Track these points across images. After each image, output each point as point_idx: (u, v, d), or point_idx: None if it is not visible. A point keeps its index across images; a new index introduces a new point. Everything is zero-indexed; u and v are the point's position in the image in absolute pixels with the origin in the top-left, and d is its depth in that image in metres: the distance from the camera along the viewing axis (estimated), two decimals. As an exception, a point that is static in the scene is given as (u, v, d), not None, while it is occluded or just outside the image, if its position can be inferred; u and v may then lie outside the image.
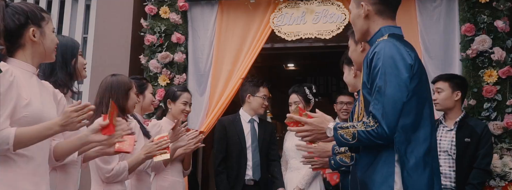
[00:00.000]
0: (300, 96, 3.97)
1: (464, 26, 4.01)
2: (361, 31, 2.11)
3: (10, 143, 1.79)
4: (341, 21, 4.36)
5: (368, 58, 1.95)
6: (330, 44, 4.74)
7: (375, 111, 1.84)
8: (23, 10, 2.00)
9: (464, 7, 4.06)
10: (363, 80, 1.99)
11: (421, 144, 1.89)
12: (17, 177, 1.84)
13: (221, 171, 3.92)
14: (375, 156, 1.91)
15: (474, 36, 3.98)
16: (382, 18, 2.06)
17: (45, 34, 2.01)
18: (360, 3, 2.07)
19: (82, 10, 4.94)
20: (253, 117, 4.06)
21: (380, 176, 1.88)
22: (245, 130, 3.98)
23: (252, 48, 4.44)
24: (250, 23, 4.50)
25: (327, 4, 4.40)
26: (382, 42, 1.95)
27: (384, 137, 1.82)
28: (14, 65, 1.94)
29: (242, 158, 3.90)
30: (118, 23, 4.63)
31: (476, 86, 3.94)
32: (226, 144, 3.97)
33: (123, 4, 4.67)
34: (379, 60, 1.88)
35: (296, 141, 3.29)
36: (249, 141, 3.95)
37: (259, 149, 3.94)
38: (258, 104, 4.02)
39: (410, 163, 1.86)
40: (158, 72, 4.45)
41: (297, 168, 3.88)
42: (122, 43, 4.58)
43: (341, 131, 1.89)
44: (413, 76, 1.89)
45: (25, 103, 1.88)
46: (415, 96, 1.89)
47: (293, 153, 3.87)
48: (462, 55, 4.03)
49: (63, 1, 5.01)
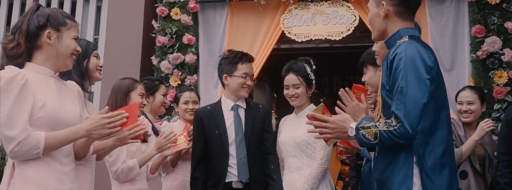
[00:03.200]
0: (300, 77, 3.06)
1: (474, 28, 4.03)
2: (379, 30, 2.12)
3: (40, 147, 1.84)
4: (351, 23, 4.39)
5: (388, 60, 1.96)
6: (336, 45, 4.76)
7: (397, 111, 1.85)
8: (46, 13, 2.04)
9: (474, 9, 4.08)
10: (382, 82, 2.01)
11: (438, 146, 1.90)
12: (41, 174, 1.88)
13: (196, 177, 3.00)
14: (393, 157, 1.93)
15: (484, 38, 4.01)
16: (401, 20, 2.07)
17: (61, 39, 2.03)
18: (380, 3, 2.07)
19: (93, 12, 4.99)
20: (237, 103, 3.09)
21: (398, 178, 1.90)
22: (227, 121, 3.06)
23: (263, 49, 4.48)
24: (260, 24, 4.53)
25: (337, 6, 4.43)
26: (403, 43, 1.96)
27: (406, 136, 1.83)
28: (29, 69, 1.98)
29: (222, 157, 2.98)
30: (129, 24, 4.67)
31: (486, 87, 3.95)
32: (204, 142, 3.05)
33: (134, 6, 4.71)
34: (401, 61, 1.89)
35: (302, 131, 2.90)
36: (232, 134, 3.02)
37: (247, 143, 2.99)
38: (237, 85, 3.04)
39: (428, 164, 1.88)
40: (170, 73, 4.49)
41: (298, 168, 3.01)
42: (133, 44, 4.62)
43: (363, 131, 1.91)
44: (432, 78, 1.90)
45: (40, 105, 1.91)
46: (433, 99, 1.90)
47: (292, 149, 3.03)
48: (472, 56, 4.05)
49: (74, 3, 5.06)
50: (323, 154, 2.94)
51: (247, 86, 3.06)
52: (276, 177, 2.96)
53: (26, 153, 1.84)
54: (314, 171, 2.92)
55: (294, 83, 3.06)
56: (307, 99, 3.12)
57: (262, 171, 3.00)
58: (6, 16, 5.24)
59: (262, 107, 3.19)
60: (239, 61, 3.08)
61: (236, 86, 3.04)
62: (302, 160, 2.99)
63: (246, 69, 3.07)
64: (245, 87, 3.05)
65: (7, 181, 1.91)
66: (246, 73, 3.06)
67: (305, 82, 3.06)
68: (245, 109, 3.10)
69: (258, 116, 3.10)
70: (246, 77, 3.06)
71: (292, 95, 3.06)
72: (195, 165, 3.01)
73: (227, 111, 3.07)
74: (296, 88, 3.05)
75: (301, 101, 3.07)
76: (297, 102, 3.07)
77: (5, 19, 5.22)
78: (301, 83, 3.05)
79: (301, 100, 3.07)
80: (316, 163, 2.93)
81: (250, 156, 2.99)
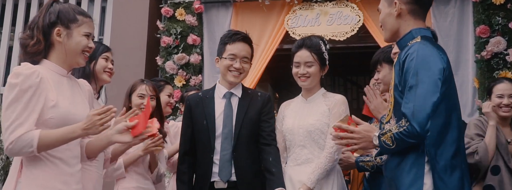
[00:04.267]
0: (315, 54, 2.66)
1: (478, 28, 4.04)
2: (392, 30, 2.10)
3: (34, 145, 1.82)
4: (355, 23, 4.40)
5: (400, 60, 1.96)
6: (339, 45, 4.76)
7: (405, 110, 1.86)
8: (57, 9, 2.02)
9: (479, 9, 4.08)
10: (395, 83, 2.00)
11: (449, 147, 1.91)
12: (47, 176, 1.88)
13: (182, 172, 2.67)
14: (404, 157, 1.93)
15: (489, 38, 4.01)
16: (413, 19, 2.06)
17: (71, 36, 2.00)
18: (393, 2, 2.06)
19: (98, 12, 5.00)
20: (231, 91, 2.69)
21: (409, 177, 1.90)
22: (217, 111, 2.67)
23: (267, 49, 4.49)
24: (264, 25, 4.55)
25: (341, 6, 4.44)
26: (415, 44, 1.96)
27: (415, 135, 1.83)
28: (44, 67, 1.97)
29: (207, 151, 2.62)
30: (134, 25, 4.68)
31: (491, 88, 3.95)
32: (191, 132, 2.69)
33: (139, 6, 4.73)
34: (412, 61, 1.89)
35: (315, 117, 2.61)
36: (220, 126, 2.63)
37: (236, 137, 2.60)
38: (223, 68, 2.66)
39: (440, 165, 1.88)
40: (174, 73, 4.50)
41: (307, 160, 2.60)
42: (138, 45, 4.63)
43: (383, 137, 1.92)
44: (444, 80, 1.90)
45: (51, 105, 1.91)
46: (444, 100, 1.90)
47: (302, 138, 2.62)
48: (476, 56, 4.05)
49: (79, 3, 5.07)
50: (334, 143, 2.36)
51: (234, 69, 2.63)
52: (276, 170, 2.54)
53: (20, 151, 1.82)
54: (323, 161, 2.51)
55: (307, 60, 2.64)
56: (318, 81, 2.71)
57: (256, 169, 2.59)
58: (12, 16, 5.26)
59: (261, 95, 2.73)
60: (228, 41, 2.67)
61: (222, 69, 2.67)
62: (312, 151, 2.60)
63: (234, 49, 2.63)
64: (232, 70, 2.63)
65: (14, 180, 1.90)
66: (233, 55, 2.62)
67: (319, 61, 2.65)
68: (239, 98, 2.68)
69: (254, 105, 2.67)
70: (234, 59, 2.63)
71: (303, 74, 2.64)
72: (181, 158, 2.70)
73: (219, 99, 2.69)
74: (308, 67, 2.64)
75: (312, 82, 2.67)
76: (307, 83, 2.65)
77: (10, 19, 5.24)
78: (315, 61, 2.64)
79: (312, 81, 2.66)
80: (326, 152, 2.54)
81: (238, 152, 2.58)
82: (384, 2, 2.13)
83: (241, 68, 2.64)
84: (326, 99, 2.67)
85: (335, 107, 2.62)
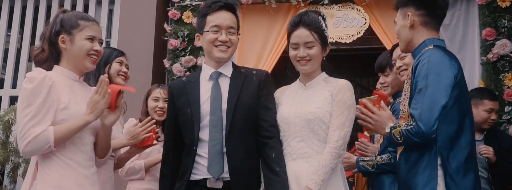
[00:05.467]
0: (315, 33, 2.28)
1: (484, 31, 4.05)
2: (406, 41, 2.19)
3: (51, 140, 1.90)
4: (361, 25, 4.42)
5: (413, 67, 2.03)
6: (343, 47, 4.78)
7: (413, 111, 1.94)
8: (61, 19, 2.10)
9: (485, 12, 4.10)
10: (411, 94, 2.08)
11: (463, 150, 1.97)
12: (62, 178, 1.93)
13: (164, 174, 2.29)
14: (417, 159, 2.00)
15: (495, 41, 4.02)
16: (426, 30, 2.14)
17: (74, 41, 2.07)
18: (406, 14, 2.16)
19: (106, 15, 5.04)
20: (218, 70, 2.27)
21: (422, 179, 1.96)
22: (203, 96, 2.22)
23: (274, 52, 4.52)
24: (271, 27, 4.57)
25: (348, 9, 4.46)
26: (427, 51, 2.03)
27: (420, 134, 1.91)
28: (56, 72, 2.04)
29: (191, 145, 2.20)
30: (141, 27, 4.72)
31: (497, 90, 3.97)
32: (175, 125, 2.28)
33: (146, 9, 4.76)
34: (424, 66, 1.96)
35: (314, 105, 2.24)
36: (206, 113, 2.19)
37: (229, 124, 2.17)
38: (206, 43, 2.26)
39: (452, 167, 1.94)
40: (182, 76, 4.53)
41: (304, 154, 2.20)
42: (145, 47, 4.66)
43: (393, 130, 2.00)
44: (455, 85, 1.96)
45: (62, 107, 1.97)
46: (456, 105, 1.97)
47: (299, 128, 2.22)
48: (482, 59, 4.07)
49: (86, 6, 5.11)
50: (339, 135, 2.15)
51: (220, 43, 2.22)
52: (280, 169, 2.12)
53: (38, 149, 1.90)
54: (327, 158, 2.11)
55: (307, 40, 2.26)
56: (319, 64, 2.36)
57: (252, 164, 2.19)
58: (8, 19, 5.30)
59: (257, 73, 2.30)
60: (208, 12, 2.27)
61: (206, 45, 2.26)
62: (310, 145, 2.20)
63: (216, 19, 2.23)
64: (218, 44, 2.22)
65: (30, 182, 1.96)
66: (216, 26, 2.22)
67: (320, 40, 2.28)
68: (230, 79, 2.25)
69: (249, 86, 2.22)
70: (218, 31, 2.22)
71: (302, 57, 2.27)
72: (164, 158, 2.31)
73: (205, 82, 2.26)
74: (308, 48, 2.27)
75: (313, 65, 2.31)
76: (308, 67, 2.29)
77: (19, 21, 5.28)
78: (316, 41, 2.27)
79: (313, 65, 2.31)
80: (330, 146, 2.14)
81: (231, 144, 2.15)
82: (399, 14, 2.22)
83: (228, 41, 2.23)
84: (328, 84, 2.30)
85: (339, 93, 2.23)
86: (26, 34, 5.18)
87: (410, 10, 2.16)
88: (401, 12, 2.22)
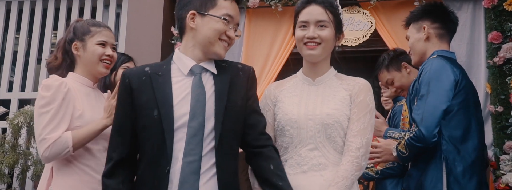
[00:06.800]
0: (330, 12, 1.89)
1: (490, 34, 4.06)
2: (420, 54, 2.25)
3: (69, 145, 1.94)
4: (368, 29, 4.43)
5: (418, 76, 2.08)
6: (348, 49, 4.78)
7: (415, 116, 1.99)
8: (74, 27, 2.15)
9: (491, 15, 4.10)
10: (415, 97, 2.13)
11: (470, 155, 2.02)
12: (77, 183, 1.97)
13: (116, 189, 1.72)
14: (424, 168, 2.04)
15: (501, 44, 4.02)
16: (439, 42, 2.21)
17: (86, 48, 2.13)
18: (421, 27, 2.22)
19: (113, 18, 5.08)
20: (201, 64, 1.81)
21: (429, 182, 2.00)
22: (177, 94, 1.73)
23: (280, 55, 4.53)
24: (277, 31, 4.59)
25: (353, 12, 4.48)
26: (430, 60, 2.09)
27: (421, 138, 1.96)
28: (71, 78, 2.09)
29: (160, 160, 1.67)
30: (148, 31, 4.75)
31: (503, 93, 3.98)
32: (131, 129, 1.74)
33: (153, 12, 4.79)
34: (426, 73, 2.02)
35: (330, 106, 1.86)
36: (181, 117, 1.69)
37: (218, 134, 1.70)
38: (211, 32, 1.78)
39: (458, 170, 1.99)
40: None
41: (318, 166, 1.81)
42: (152, 51, 4.69)
43: (399, 146, 2.03)
44: (459, 91, 2.00)
45: (78, 114, 2.01)
46: (461, 110, 2.01)
47: (313, 133, 1.83)
48: (488, 62, 4.07)
49: (94, 8, 5.15)
50: (361, 142, 1.78)
51: (227, 38, 1.81)
52: (284, 184, 1.69)
53: (57, 154, 1.94)
54: (349, 168, 1.73)
55: (319, 18, 1.86)
56: (329, 53, 1.96)
57: (238, 183, 1.76)
58: (16, 22, 5.35)
59: (243, 68, 1.87)
60: None
61: (210, 33, 1.77)
62: (326, 154, 1.81)
63: (232, 9, 1.82)
64: (224, 39, 1.81)
65: (45, 188, 2.00)
66: (230, 16, 1.81)
67: (335, 23, 1.89)
68: (215, 77, 1.79)
69: (236, 84, 1.79)
70: (230, 23, 1.81)
71: (311, 37, 1.86)
72: (111, 167, 1.73)
73: (179, 77, 1.77)
74: (320, 28, 1.86)
75: (323, 51, 1.89)
76: (317, 52, 1.88)
77: (27, 24, 5.33)
78: (330, 22, 1.87)
79: (324, 51, 1.89)
80: (350, 155, 1.76)
81: (223, 159, 1.69)
82: (412, 29, 2.28)
83: (233, 38, 1.85)
84: (343, 82, 1.94)
85: (361, 93, 1.87)
86: (35, 37, 5.22)
87: (426, 23, 2.22)
88: (414, 26, 2.27)
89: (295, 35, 1.91)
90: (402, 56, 3.02)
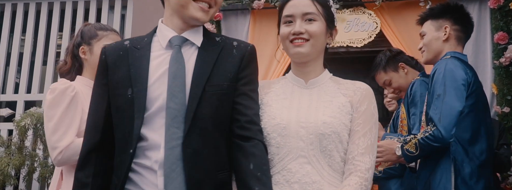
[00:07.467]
0: (318, 4, 1.62)
1: (497, 35, 4.04)
2: (435, 53, 2.25)
3: None
4: (373, 30, 4.43)
5: (431, 75, 2.08)
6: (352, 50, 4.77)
7: (433, 115, 1.98)
8: (81, 31, 2.17)
9: (497, 16, 4.09)
10: (428, 101, 2.13)
11: (478, 157, 2.02)
12: None
13: (82, 184, 1.47)
14: (433, 168, 2.04)
15: (507, 45, 4.01)
16: (456, 44, 2.22)
17: (93, 51, 2.14)
18: (442, 27, 2.21)
19: (118, 20, 5.10)
20: (183, 35, 1.55)
21: (438, 183, 2.00)
22: (154, 71, 1.49)
23: (285, 56, 4.52)
24: (282, 32, 4.57)
25: (359, 13, 4.47)
26: (443, 60, 2.10)
27: (439, 138, 1.95)
28: (79, 82, 2.10)
29: (130, 144, 1.43)
30: (153, 32, 4.75)
31: (510, 94, 3.96)
32: (106, 111, 1.51)
33: (158, 14, 4.73)
34: (440, 74, 2.02)
35: (327, 113, 1.56)
36: (158, 97, 1.45)
37: (194, 116, 1.42)
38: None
39: (466, 171, 1.99)
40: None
41: (312, 185, 1.49)
42: (157, 52, 4.70)
43: (406, 146, 2.03)
44: (471, 94, 2.01)
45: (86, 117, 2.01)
46: (471, 113, 2.01)
47: (305, 145, 1.52)
48: (495, 63, 4.06)
49: (99, 11, 5.17)
50: (370, 162, 1.51)
51: (205, 2, 1.54)
52: (260, 189, 1.37)
53: (69, 159, 1.94)
54: (357, 187, 1.46)
55: (306, 10, 1.59)
56: (321, 52, 1.67)
57: (225, 178, 1.46)
58: (22, 23, 5.37)
59: (238, 45, 1.58)
60: None
61: None
62: (320, 171, 1.50)
63: None
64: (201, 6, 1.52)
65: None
66: None
67: (326, 15, 1.61)
68: (199, 48, 1.53)
69: (226, 62, 1.51)
70: None
71: (298, 32, 1.59)
72: (83, 158, 1.50)
73: (159, 51, 1.53)
74: (308, 21, 1.61)
75: (312, 49, 1.60)
76: (305, 49, 1.59)
77: (33, 26, 5.35)
78: (319, 14, 1.59)
79: (313, 48, 1.60)
80: (359, 176, 1.49)
81: (191, 145, 1.40)
82: (430, 26, 2.26)
83: (211, 1, 1.55)
84: (341, 86, 1.66)
85: (364, 101, 1.59)
86: (40, 38, 5.25)
87: (447, 23, 2.21)
88: (434, 24, 2.26)
89: (280, 33, 1.66)
90: (399, 56, 2.99)
